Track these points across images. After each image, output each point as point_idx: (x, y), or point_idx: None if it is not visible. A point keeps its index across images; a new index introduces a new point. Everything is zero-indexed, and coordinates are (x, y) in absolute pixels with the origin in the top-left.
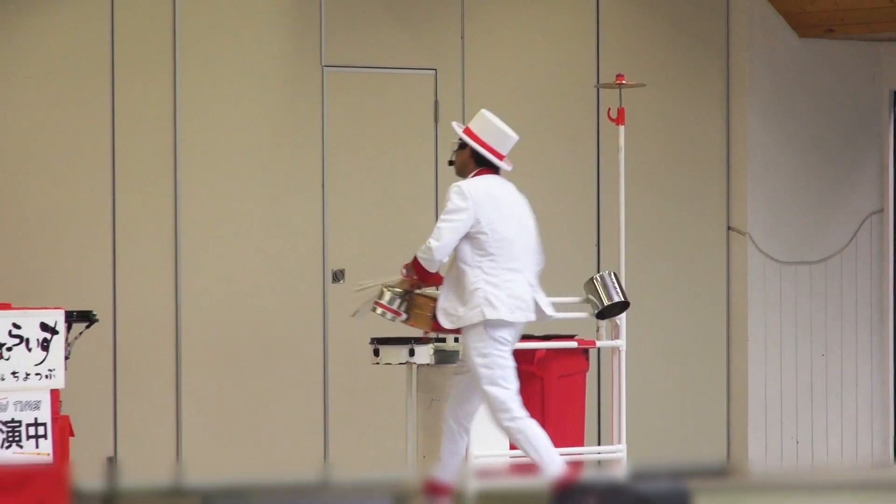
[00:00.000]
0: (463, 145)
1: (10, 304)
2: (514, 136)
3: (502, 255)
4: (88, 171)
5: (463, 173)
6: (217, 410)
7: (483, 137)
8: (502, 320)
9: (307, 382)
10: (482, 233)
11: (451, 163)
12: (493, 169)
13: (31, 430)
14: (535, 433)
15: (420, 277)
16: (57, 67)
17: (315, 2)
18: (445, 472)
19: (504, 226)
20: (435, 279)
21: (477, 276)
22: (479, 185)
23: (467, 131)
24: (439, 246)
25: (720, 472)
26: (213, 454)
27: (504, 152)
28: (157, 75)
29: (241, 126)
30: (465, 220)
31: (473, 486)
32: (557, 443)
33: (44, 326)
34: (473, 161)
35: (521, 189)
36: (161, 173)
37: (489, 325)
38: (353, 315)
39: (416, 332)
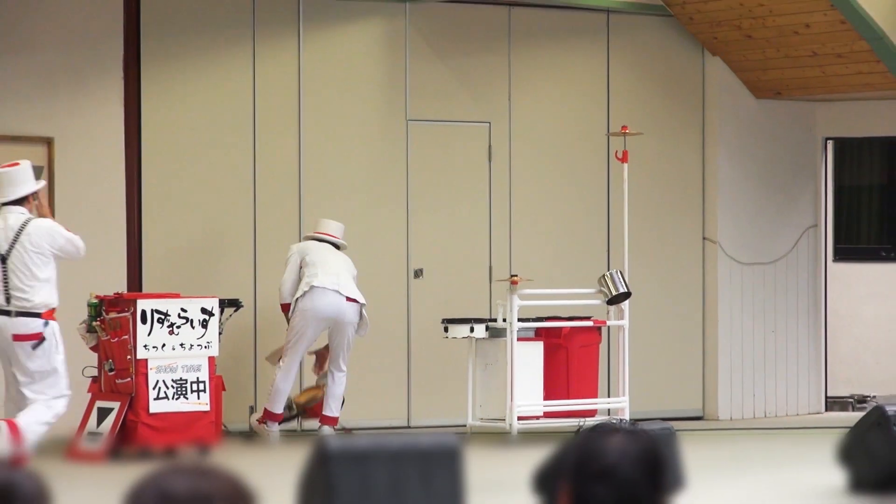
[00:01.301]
0: None
1: (178, 294)
2: None
3: None
4: (236, 198)
5: None
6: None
7: None
8: None
9: (395, 352)
10: None
11: None
12: None
13: (194, 386)
14: None
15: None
16: (211, 116)
17: (401, 70)
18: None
19: None
20: None
21: None
22: None
23: None
24: None
25: (697, 418)
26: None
27: None
28: (287, 126)
29: (348, 162)
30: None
31: (516, 426)
32: (579, 395)
33: (203, 310)
34: None
35: (553, 209)
36: (289, 197)
37: None
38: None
39: (477, 313)
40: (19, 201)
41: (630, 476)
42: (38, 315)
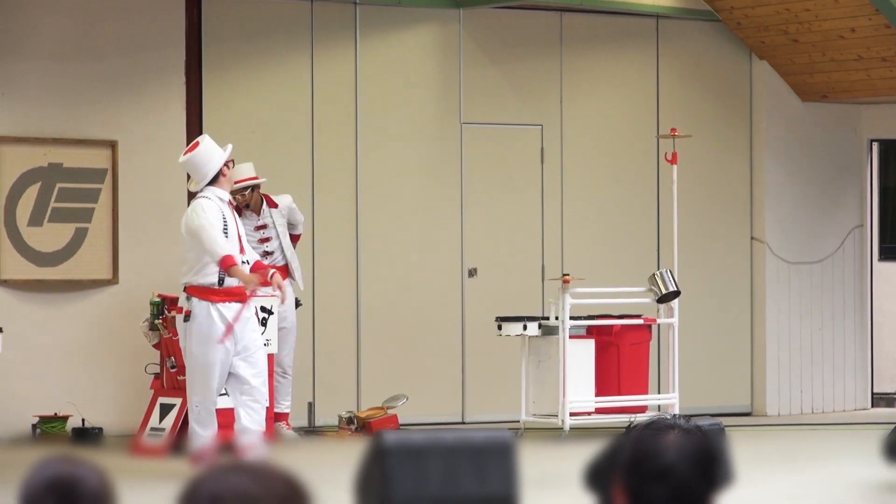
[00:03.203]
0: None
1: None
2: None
3: None
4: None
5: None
6: (386, 369)
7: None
8: None
9: (449, 350)
10: None
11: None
12: None
13: None
14: None
15: None
16: (270, 120)
17: (455, 75)
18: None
19: None
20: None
21: None
22: None
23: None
24: None
25: (745, 414)
26: (382, 398)
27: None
28: (344, 130)
29: (404, 165)
30: None
31: (569, 422)
32: (630, 391)
33: (263, 308)
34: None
35: (604, 210)
36: (346, 200)
37: None
38: None
39: (530, 312)
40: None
41: (686, 475)
42: None
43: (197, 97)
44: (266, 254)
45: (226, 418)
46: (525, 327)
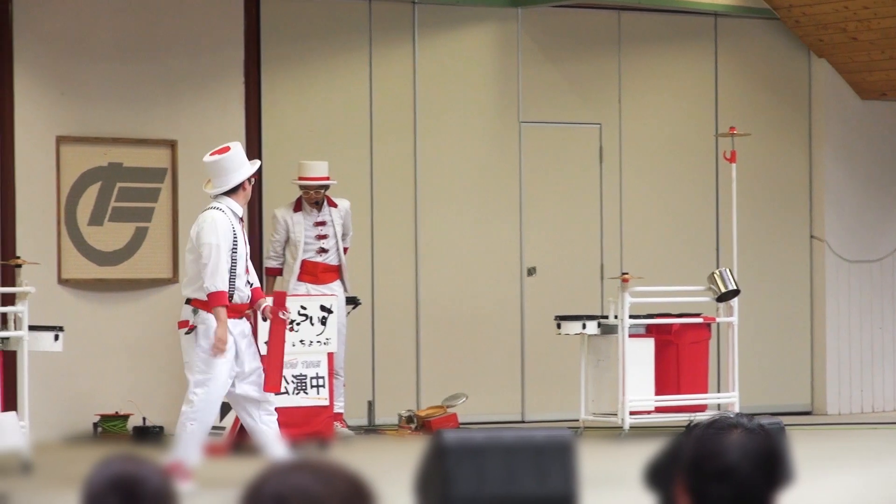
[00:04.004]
0: None
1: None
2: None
3: None
4: (353, 201)
5: None
6: (446, 368)
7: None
8: None
9: (509, 348)
10: None
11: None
12: None
13: (313, 382)
14: None
15: None
16: (329, 120)
17: (514, 74)
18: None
19: None
20: None
21: None
22: None
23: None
24: None
25: (806, 413)
26: (441, 397)
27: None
28: (403, 129)
29: (462, 164)
30: None
31: (628, 421)
32: (689, 390)
33: (322, 308)
34: None
35: (663, 209)
36: (405, 199)
37: None
38: None
39: (589, 311)
40: (230, 192)
41: (749, 475)
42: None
43: (255, 97)
44: (322, 251)
45: (287, 417)
46: (584, 326)
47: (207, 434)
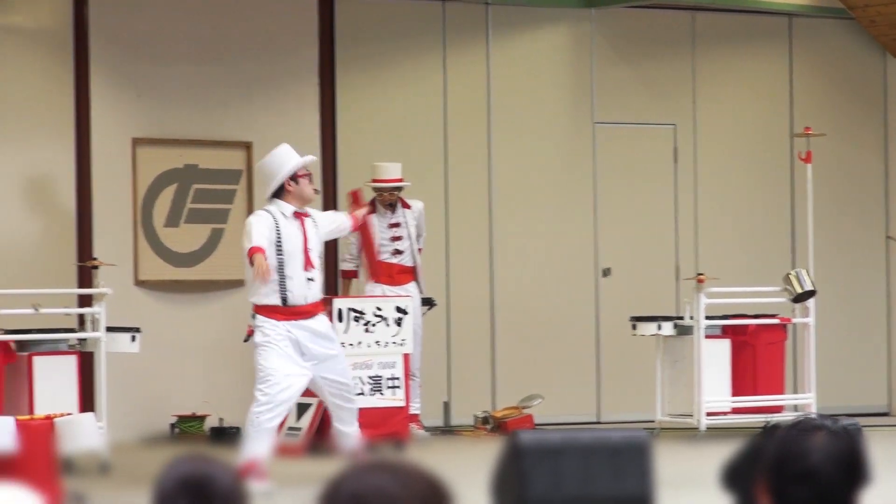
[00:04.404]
0: None
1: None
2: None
3: None
4: (428, 201)
5: None
6: (521, 369)
7: None
8: None
9: (584, 349)
10: None
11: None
12: None
13: (389, 383)
14: None
15: None
16: (403, 121)
17: (588, 74)
18: None
19: None
20: None
21: None
22: None
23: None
24: None
25: (883, 413)
26: (517, 398)
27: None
28: (477, 130)
29: (536, 165)
30: None
31: (704, 422)
32: (765, 391)
33: (398, 309)
34: None
35: (738, 209)
36: (479, 200)
37: None
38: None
39: (664, 311)
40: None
41: (831, 477)
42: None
43: (330, 98)
44: (396, 252)
45: (363, 418)
46: (660, 327)
47: (275, 431)
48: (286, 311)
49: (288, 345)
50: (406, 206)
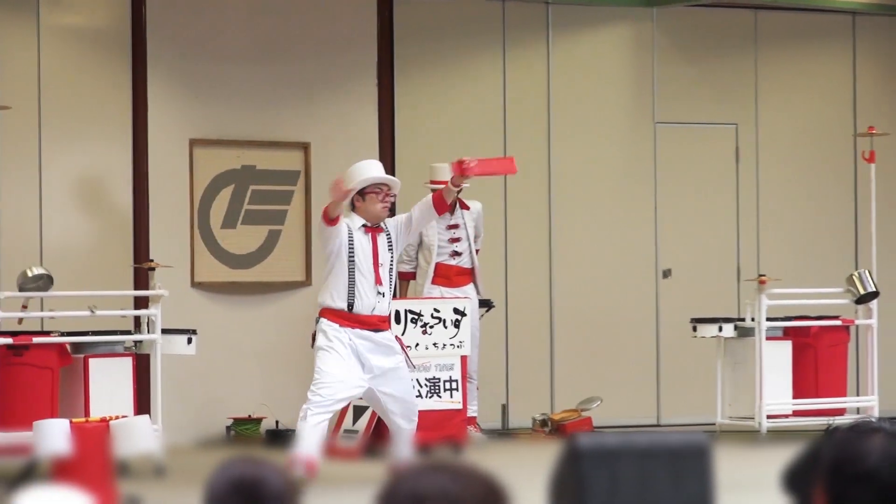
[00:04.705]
0: None
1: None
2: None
3: None
4: (490, 202)
5: None
6: (580, 371)
7: None
8: None
9: (643, 351)
10: None
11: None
12: None
13: (447, 385)
14: None
15: None
16: (462, 121)
17: (649, 73)
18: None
19: None
20: None
21: None
22: None
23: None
24: None
25: None
26: (576, 400)
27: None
28: (537, 130)
29: (597, 165)
30: None
31: (766, 425)
32: (827, 394)
33: (456, 310)
34: None
35: (800, 210)
36: (539, 200)
37: None
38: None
39: (725, 313)
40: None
41: (890, 479)
42: None
43: (389, 98)
44: (455, 253)
45: (420, 420)
46: (720, 329)
47: (324, 430)
48: (351, 317)
49: (348, 352)
50: (465, 206)
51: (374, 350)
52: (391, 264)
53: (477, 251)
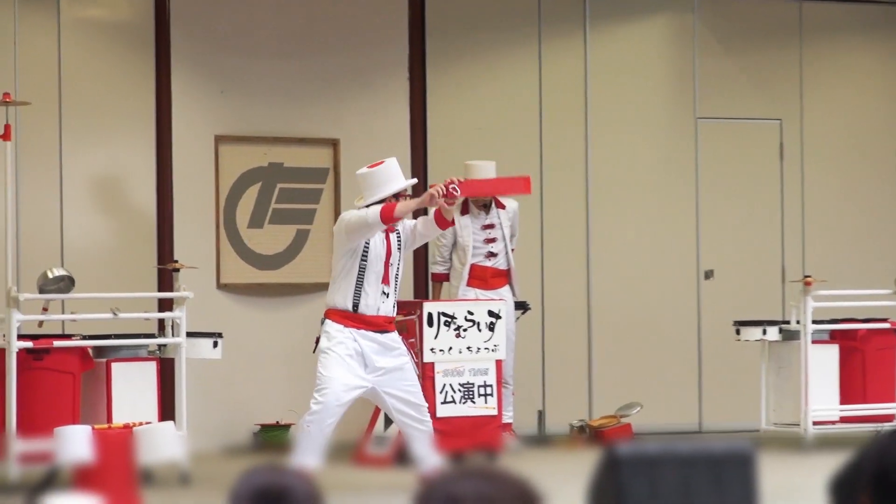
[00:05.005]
0: None
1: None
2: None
3: None
4: (521, 199)
5: None
6: (619, 376)
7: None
8: None
9: (685, 355)
10: None
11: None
12: None
13: (481, 390)
14: None
15: None
16: (497, 116)
17: (690, 67)
18: None
19: None
20: None
21: None
22: None
23: None
24: None
25: None
26: (615, 406)
27: None
28: (574, 125)
29: (636, 161)
30: None
31: (811, 431)
32: (876, 399)
33: (490, 313)
34: None
35: (847, 208)
36: (575, 197)
37: None
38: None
39: (769, 315)
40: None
41: None
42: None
43: (420, 93)
44: (491, 255)
45: (454, 427)
46: (765, 332)
47: (325, 441)
48: (355, 317)
49: (350, 352)
50: (500, 206)
51: (378, 351)
52: (399, 264)
53: (512, 251)
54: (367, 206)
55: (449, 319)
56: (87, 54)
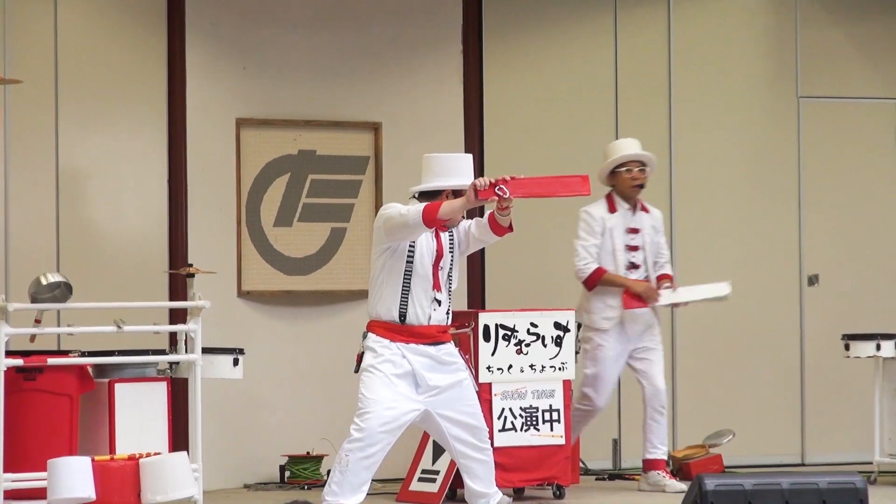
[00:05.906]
0: None
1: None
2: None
3: None
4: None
5: None
6: (707, 399)
7: None
8: None
9: (785, 374)
10: None
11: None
12: None
13: (546, 416)
14: None
15: None
16: (565, 94)
17: (791, 39)
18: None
19: None
20: None
21: None
22: None
23: None
24: None
25: None
26: (703, 434)
27: None
28: (655, 106)
29: (727, 148)
30: None
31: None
32: None
33: (557, 325)
34: None
35: None
36: (658, 186)
37: None
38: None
39: (884, 328)
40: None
41: None
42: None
43: (476, 68)
44: (632, 266)
45: (515, 459)
46: (879, 347)
47: (368, 475)
48: (403, 330)
49: (398, 371)
50: (645, 209)
51: (431, 367)
52: (451, 267)
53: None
54: (415, 197)
55: (509, 333)
56: (89, 26)
